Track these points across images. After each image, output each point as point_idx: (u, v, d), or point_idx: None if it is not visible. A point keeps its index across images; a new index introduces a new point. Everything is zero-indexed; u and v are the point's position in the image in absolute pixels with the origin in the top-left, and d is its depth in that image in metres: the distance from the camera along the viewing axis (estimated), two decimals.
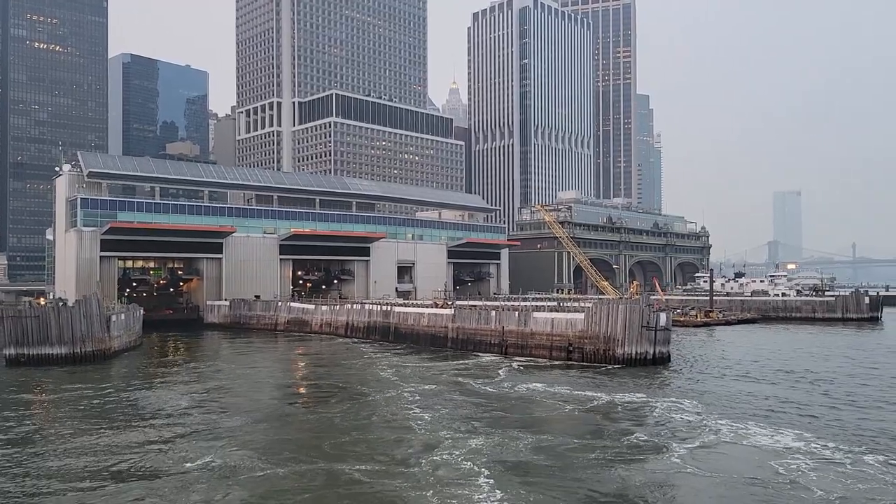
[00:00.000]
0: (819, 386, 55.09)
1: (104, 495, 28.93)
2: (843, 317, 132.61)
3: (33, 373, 66.69)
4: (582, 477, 30.84)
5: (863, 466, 31.43)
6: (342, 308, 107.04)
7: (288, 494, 29.05)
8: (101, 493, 29.15)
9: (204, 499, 28.41)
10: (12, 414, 48.37)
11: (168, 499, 28.42)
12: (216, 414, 47.47)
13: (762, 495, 27.79)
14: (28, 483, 30.97)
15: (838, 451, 33.85)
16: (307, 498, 28.47)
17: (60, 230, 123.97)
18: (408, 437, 38.71)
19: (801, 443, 35.53)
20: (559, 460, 33.62)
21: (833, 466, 31.45)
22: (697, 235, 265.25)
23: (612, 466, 32.44)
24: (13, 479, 31.74)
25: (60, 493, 29.38)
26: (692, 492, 28.58)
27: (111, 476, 31.83)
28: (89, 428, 42.36)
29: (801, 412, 44.11)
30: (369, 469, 32.44)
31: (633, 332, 67.97)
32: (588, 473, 31.31)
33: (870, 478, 29.73)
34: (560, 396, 50.68)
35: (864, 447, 34.76)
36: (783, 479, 29.66)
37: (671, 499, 27.84)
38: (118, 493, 29.30)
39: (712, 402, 48.18)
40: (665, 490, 28.90)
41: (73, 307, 74.45)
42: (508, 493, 28.24)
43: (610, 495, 28.36)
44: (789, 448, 34.68)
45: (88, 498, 28.68)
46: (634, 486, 29.31)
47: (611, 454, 34.53)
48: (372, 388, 56.48)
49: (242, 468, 32.85)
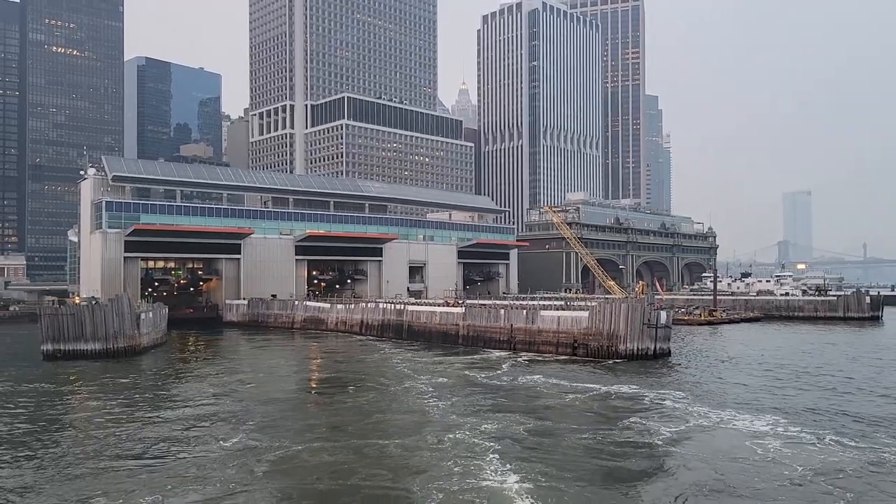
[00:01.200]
0: (805, 379, 58.85)
1: (151, 469, 33.07)
2: (844, 316, 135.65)
3: (70, 366, 71.06)
4: (578, 452, 35.03)
5: (829, 445, 35.31)
6: (357, 307, 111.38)
7: (320, 466, 33.21)
8: (148, 468, 33.24)
9: (239, 471, 32.48)
10: (59, 401, 52.93)
11: (209, 470, 32.46)
12: (244, 401, 51.74)
13: (735, 468, 31.79)
14: (85, 460, 35.18)
15: (809, 434, 37.74)
16: (339, 468, 32.61)
17: (86, 232, 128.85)
18: (424, 420, 42.91)
19: (777, 427, 39.41)
20: (558, 438, 37.81)
21: (802, 446, 35.35)
22: (704, 236, 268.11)
23: (605, 444, 36.61)
24: (72, 456, 36.01)
25: (114, 469, 33.52)
26: (674, 464, 32.57)
27: (155, 454, 36.00)
28: (130, 414, 46.66)
29: (784, 401, 47.96)
30: (393, 445, 36.73)
31: (635, 329, 71.86)
32: (584, 449, 35.49)
33: (833, 454, 33.68)
34: (563, 387, 54.68)
35: (833, 430, 38.67)
36: (754, 456, 33.74)
37: (654, 469, 31.82)
38: (164, 467, 33.46)
39: (704, 392, 52.14)
40: (649, 462, 32.95)
41: (106, 306, 78.95)
42: (514, 465, 32.50)
43: (602, 467, 32.49)
44: (765, 431, 38.66)
45: (138, 471, 32.73)
46: (623, 459, 33.48)
47: (604, 434, 38.69)
48: (388, 380, 60.65)
49: (273, 446, 37.04)
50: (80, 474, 32.23)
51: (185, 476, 31.91)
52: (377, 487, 29.92)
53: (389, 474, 31.81)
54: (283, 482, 31.02)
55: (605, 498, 28.14)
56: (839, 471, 31.12)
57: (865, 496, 28.04)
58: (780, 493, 28.45)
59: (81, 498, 28.76)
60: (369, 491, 29.46)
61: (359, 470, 32.41)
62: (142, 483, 30.65)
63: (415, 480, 30.67)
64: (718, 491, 28.83)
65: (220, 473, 32.06)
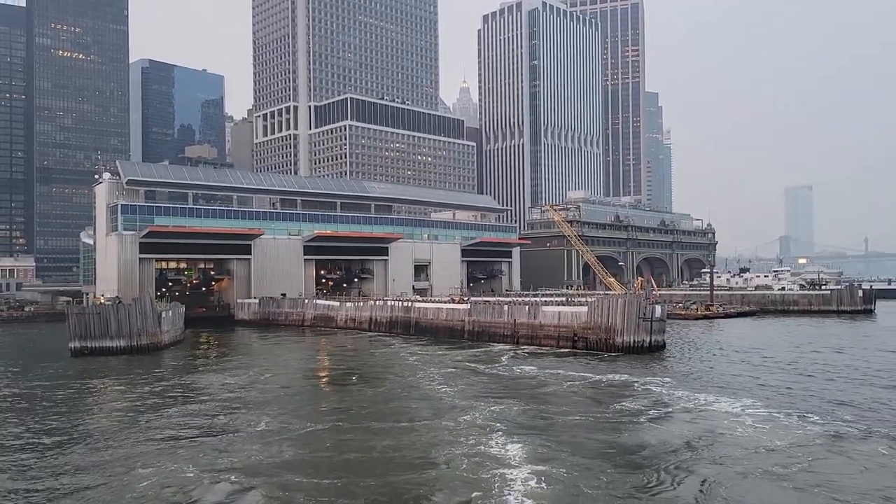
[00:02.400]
0: (787, 367, 63.13)
1: (189, 447, 37.23)
2: (837, 309, 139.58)
3: (98, 362, 75.40)
4: (573, 427, 39.45)
5: (795, 423, 39.54)
6: (366, 304, 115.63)
7: (346, 442, 37.36)
8: (185, 447, 37.37)
9: (264, 449, 36.56)
10: (95, 393, 57.27)
11: (238, 449, 36.53)
12: (266, 390, 56.11)
13: (711, 441, 36.06)
14: (128, 441, 39.36)
15: (780, 414, 42.08)
16: (362, 443, 36.80)
17: (101, 234, 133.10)
18: (436, 404, 47.26)
19: (753, 408, 43.73)
20: (556, 417, 42.27)
21: (772, 423, 39.66)
22: (703, 232, 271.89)
23: (597, 421, 41.12)
24: (116, 438, 40.20)
25: (155, 449, 37.66)
26: (656, 438, 36.82)
27: (190, 435, 40.29)
28: (162, 403, 50.88)
29: (763, 387, 52.27)
30: (410, 424, 41.17)
31: (631, 322, 75.97)
32: (578, 426, 39.86)
33: (798, 429, 37.94)
34: (562, 376, 58.88)
35: (802, 410, 43.04)
36: (730, 431, 38.20)
37: (640, 442, 36.06)
38: (200, 445, 37.67)
39: (691, 379, 56.38)
40: (636, 436, 37.27)
41: (130, 305, 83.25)
42: (517, 437, 37.10)
43: (594, 439, 36.83)
44: (741, 412, 43.03)
45: (177, 449, 36.84)
46: (613, 434, 37.86)
47: (597, 414, 43.23)
48: (400, 371, 64.95)
49: (298, 427, 41.32)
50: (124, 455, 36.38)
51: (220, 451, 36.13)
52: (401, 456, 34.33)
53: (410, 446, 36.24)
54: (312, 455, 35.24)
55: (595, 462, 32.40)
56: (799, 443, 35.47)
57: (818, 461, 32.39)
58: (746, 459, 32.79)
59: (130, 471, 32.90)
60: (395, 459, 33.77)
61: (381, 443, 36.71)
62: (182, 458, 34.85)
63: (433, 449, 35.27)
64: (694, 459, 33.05)
65: (252, 448, 36.27)
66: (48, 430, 42.53)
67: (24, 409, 50.17)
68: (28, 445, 38.63)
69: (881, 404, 45.21)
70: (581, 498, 28.01)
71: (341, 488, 29.56)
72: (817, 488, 28.41)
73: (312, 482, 30.54)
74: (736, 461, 32.54)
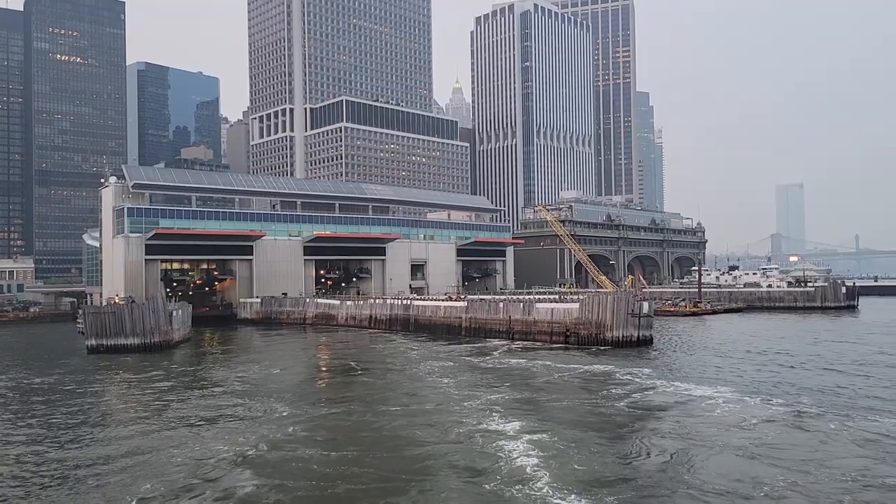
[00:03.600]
0: (762, 358, 67.97)
1: (209, 430, 41.44)
2: (821, 305, 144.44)
3: (114, 359, 79.37)
4: (562, 409, 44.04)
5: (759, 405, 44.11)
6: (366, 303, 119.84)
7: (357, 424, 41.65)
8: (213, 431, 41.52)
9: (287, 430, 40.81)
10: (116, 386, 61.40)
11: (248, 433, 40.62)
12: (278, 382, 60.55)
13: (684, 420, 40.58)
14: (152, 427, 43.59)
15: (749, 398, 46.74)
16: (372, 424, 41.12)
17: (108, 236, 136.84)
18: (438, 391, 51.72)
19: (725, 394, 48.38)
20: (548, 402, 46.89)
21: (741, 405, 44.29)
22: (693, 231, 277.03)
23: (583, 404, 45.81)
24: (142, 424, 44.42)
25: (187, 435, 41.87)
26: (636, 417, 41.36)
27: (208, 419, 44.64)
28: (179, 393, 55.11)
29: (738, 375, 57.10)
30: (417, 408, 45.72)
31: (620, 318, 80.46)
32: (566, 408, 44.45)
33: (761, 411, 42.50)
34: (553, 368, 63.33)
35: (767, 395, 47.79)
36: (702, 413, 42.82)
37: (621, 421, 40.58)
38: (218, 428, 42.02)
39: (673, 369, 60.97)
40: (618, 416, 41.79)
41: (143, 304, 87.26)
42: (514, 416, 41.81)
43: (582, 419, 41.32)
44: (714, 396, 47.77)
45: (206, 434, 40.97)
46: (597, 415, 42.38)
47: (583, 398, 47.93)
48: (401, 364, 69.31)
49: (312, 412, 45.68)
50: (160, 436, 40.62)
51: (248, 433, 40.46)
52: (412, 433, 38.79)
53: (419, 424, 40.81)
54: (332, 434, 39.54)
55: (583, 435, 36.87)
56: (761, 421, 40.27)
57: (777, 435, 37.00)
58: (714, 433, 37.40)
59: (169, 448, 37.13)
60: (406, 436, 38.14)
61: (392, 423, 41.11)
62: (214, 438, 39.14)
63: (441, 427, 39.92)
64: (667, 433, 37.60)
65: (276, 429, 40.57)
66: (85, 417, 46.77)
67: (58, 399, 54.26)
68: (70, 429, 42.82)
69: (839, 388, 50.23)
70: (571, 461, 32.64)
71: (361, 460, 33.93)
72: (773, 457, 32.87)
73: (336, 454, 34.95)
74: (705, 436, 37.18)
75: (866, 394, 47.80)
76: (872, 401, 45.24)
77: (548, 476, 30.64)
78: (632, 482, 30.05)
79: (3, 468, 34.51)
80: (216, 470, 32.97)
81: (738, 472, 30.98)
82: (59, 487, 31.16)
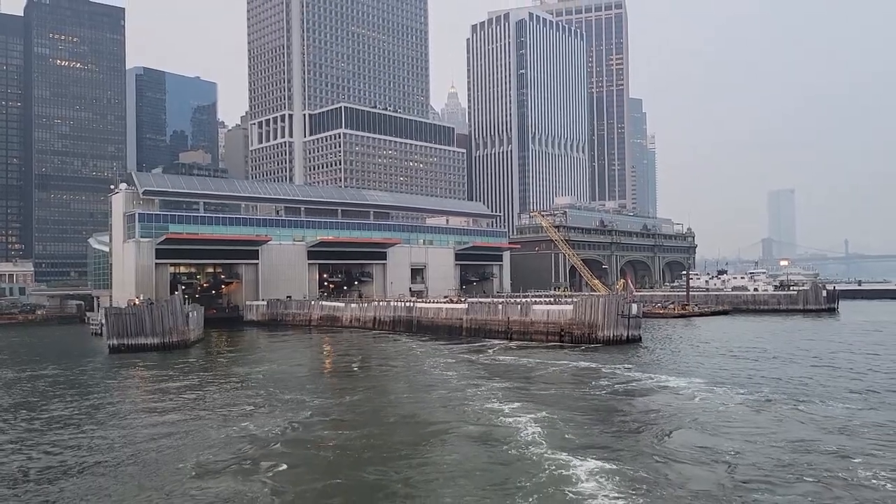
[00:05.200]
0: (737, 354, 73.95)
1: (247, 417, 46.73)
2: (803, 308, 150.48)
3: (136, 357, 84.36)
4: (554, 395, 49.82)
5: (726, 394, 49.90)
6: (370, 305, 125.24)
7: (373, 410, 47.05)
8: (244, 416, 46.83)
9: (312, 414, 46.20)
10: (142, 381, 66.65)
11: (264, 418, 45.77)
12: (296, 376, 66.06)
13: (659, 407, 46.38)
14: (194, 413, 48.90)
15: (719, 388, 52.54)
16: (386, 406, 46.56)
17: (118, 240, 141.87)
18: (445, 383, 57.42)
19: (698, 386, 54.11)
20: (545, 391, 52.79)
21: (711, 394, 50.14)
22: (684, 236, 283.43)
23: (573, 392, 51.80)
24: (174, 412, 49.69)
25: (219, 418, 47.18)
26: (620, 403, 47.13)
27: (231, 405, 50.10)
28: (202, 387, 60.26)
29: (712, 370, 62.95)
30: (427, 395, 51.30)
31: (611, 319, 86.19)
32: (558, 395, 50.20)
33: (728, 399, 48.30)
34: (548, 363, 69.11)
35: (736, 385, 53.67)
36: (675, 402, 48.48)
37: (608, 406, 46.33)
38: (239, 412, 47.56)
39: (658, 364, 66.92)
40: (602, 402, 47.65)
41: (163, 306, 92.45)
42: (512, 400, 47.81)
43: (574, 404, 47.02)
44: (688, 387, 53.47)
45: (221, 421, 45.99)
46: (585, 400, 48.21)
47: (573, 387, 54.06)
48: (408, 361, 74.91)
49: (333, 400, 51.18)
50: (197, 421, 45.96)
51: (267, 414, 45.93)
52: (427, 414, 44.46)
53: (431, 407, 46.64)
54: (354, 417, 44.99)
55: (575, 416, 42.55)
56: (725, 405, 46.25)
57: (732, 416, 42.79)
58: (682, 414, 43.34)
59: (197, 431, 42.46)
60: (421, 417, 43.73)
61: (406, 408, 46.68)
62: (247, 421, 44.49)
63: (450, 409, 45.58)
64: (647, 414, 43.38)
65: (302, 413, 46.10)
66: (131, 405, 52.19)
67: (96, 391, 59.55)
68: (118, 417, 48.15)
69: (799, 378, 56.43)
70: (563, 432, 38.78)
71: (386, 433, 39.68)
72: (730, 432, 38.69)
73: (362, 430, 40.62)
74: (677, 415, 43.36)
75: (822, 384, 53.91)
76: (826, 389, 51.32)
77: (546, 443, 36.64)
78: (612, 447, 36.02)
79: (80, 441, 39.75)
80: (253, 446, 38.24)
81: (701, 441, 36.86)
82: (131, 459, 36.45)
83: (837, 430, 38.75)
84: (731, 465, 32.54)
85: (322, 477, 32.46)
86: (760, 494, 28.40)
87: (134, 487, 31.41)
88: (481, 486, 30.05)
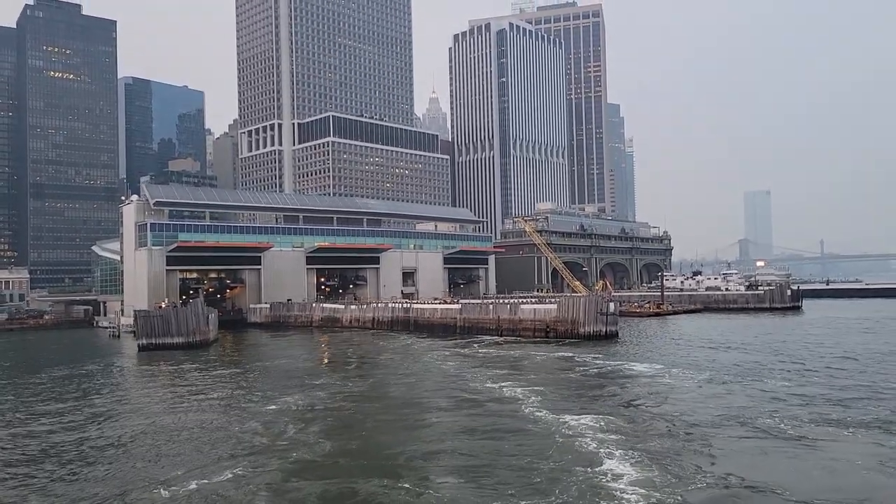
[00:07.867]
0: (702, 346, 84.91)
1: (243, 410, 56.47)
2: (770, 306, 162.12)
3: (164, 355, 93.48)
4: (541, 376, 59.99)
5: (692, 380, 60.64)
6: (369, 306, 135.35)
7: (382, 396, 57.28)
8: (241, 411, 56.19)
9: (331, 396, 56.25)
10: (176, 373, 76.28)
11: (314, 400, 55.74)
12: (305, 367, 76.15)
13: (633, 384, 56.98)
14: (236, 399, 58.89)
15: (686, 375, 63.25)
16: (400, 390, 56.86)
17: (129, 249, 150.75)
18: (444, 371, 68.01)
19: (666, 372, 64.85)
20: (529, 373, 63.33)
21: (679, 381, 60.78)
22: (660, 239, 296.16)
23: (558, 375, 62.45)
24: (208, 401, 59.65)
25: (259, 399, 57.16)
26: (598, 383, 57.71)
27: (256, 392, 59.83)
28: (230, 379, 70.04)
29: (678, 358, 73.84)
30: (431, 381, 61.69)
31: (591, 316, 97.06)
32: (547, 378, 60.56)
33: (693, 384, 58.97)
34: (536, 355, 79.73)
35: (697, 371, 64.36)
36: (647, 388, 59.01)
37: (589, 385, 56.81)
38: (264, 398, 57.30)
39: (632, 356, 77.68)
40: (586, 382, 58.06)
41: (187, 308, 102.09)
42: (503, 382, 58.29)
43: (559, 384, 57.42)
44: (657, 373, 64.27)
45: (238, 413, 55.76)
46: (572, 382, 58.67)
47: (557, 371, 64.92)
48: (409, 355, 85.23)
49: (349, 386, 61.36)
50: (245, 402, 56.01)
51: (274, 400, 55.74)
52: (437, 391, 54.58)
53: (432, 387, 56.81)
54: (369, 398, 55.20)
55: (561, 391, 52.94)
56: (684, 384, 56.95)
57: (688, 393, 53.48)
58: (646, 390, 53.98)
59: (233, 407, 52.53)
60: (429, 395, 53.94)
61: (414, 390, 56.90)
62: (281, 403, 54.53)
63: (450, 388, 56.06)
64: (622, 391, 53.96)
65: (322, 396, 56.23)
66: (171, 394, 61.94)
67: (140, 383, 69.24)
68: (160, 402, 57.97)
69: (752, 363, 67.43)
70: (548, 400, 49.53)
71: (397, 408, 50.05)
72: (686, 404, 49.30)
73: (376, 404, 50.88)
74: (642, 391, 53.99)
75: (772, 367, 64.74)
76: (775, 372, 62.13)
77: (533, 405, 47.77)
78: (589, 410, 46.66)
79: (141, 423, 49.66)
80: (284, 419, 47.91)
81: (659, 409, 47.34)
82: (192, 427, 46.38)
83: (769, 399, 49.52)
84: (684, 418, 43.30)
85: (348, 433, 42.79)
86: (702, 432, 39.32)
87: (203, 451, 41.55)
88: (489, 436, 40.49)
